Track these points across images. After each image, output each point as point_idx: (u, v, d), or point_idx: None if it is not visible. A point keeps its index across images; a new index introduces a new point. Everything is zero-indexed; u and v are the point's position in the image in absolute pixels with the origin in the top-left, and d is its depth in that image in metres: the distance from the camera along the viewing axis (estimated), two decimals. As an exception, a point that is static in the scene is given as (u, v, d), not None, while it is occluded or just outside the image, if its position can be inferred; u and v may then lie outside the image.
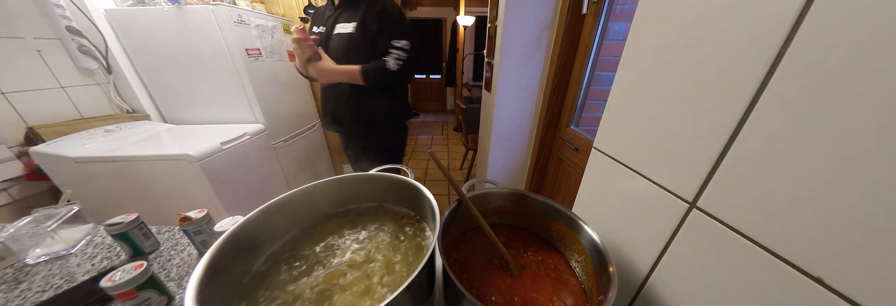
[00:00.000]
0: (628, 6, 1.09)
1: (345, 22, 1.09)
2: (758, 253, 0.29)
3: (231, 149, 1.35)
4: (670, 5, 0.39)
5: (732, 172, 0.31)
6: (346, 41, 1.09)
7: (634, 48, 0.46)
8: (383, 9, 1.07)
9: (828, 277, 0.24)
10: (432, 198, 0.47)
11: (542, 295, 0.43)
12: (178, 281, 0.60)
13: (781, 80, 0.26)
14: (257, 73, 1.60)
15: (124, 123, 1.41)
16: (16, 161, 1.14)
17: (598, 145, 0.56)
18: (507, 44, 1.41)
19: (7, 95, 1.12)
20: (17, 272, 0.62)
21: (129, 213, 0.66)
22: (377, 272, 0.45)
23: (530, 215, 0.54)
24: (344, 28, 1.09)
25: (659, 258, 0.42)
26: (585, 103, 1.32)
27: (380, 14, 1.07)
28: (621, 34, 1.15)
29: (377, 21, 1.06)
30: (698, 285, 0.36)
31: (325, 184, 0.54)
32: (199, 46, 1.43)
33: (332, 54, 1.09)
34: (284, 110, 1.85)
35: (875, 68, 0.21)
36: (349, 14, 1.09)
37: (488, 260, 0.49)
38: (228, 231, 0.42)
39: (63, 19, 1.25)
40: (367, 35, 1.07)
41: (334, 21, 1.12)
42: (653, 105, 0.42)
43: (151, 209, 1.20)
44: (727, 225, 0.32)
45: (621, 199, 0.50)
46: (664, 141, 0.40)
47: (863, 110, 0.22)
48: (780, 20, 0.26)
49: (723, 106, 0.32)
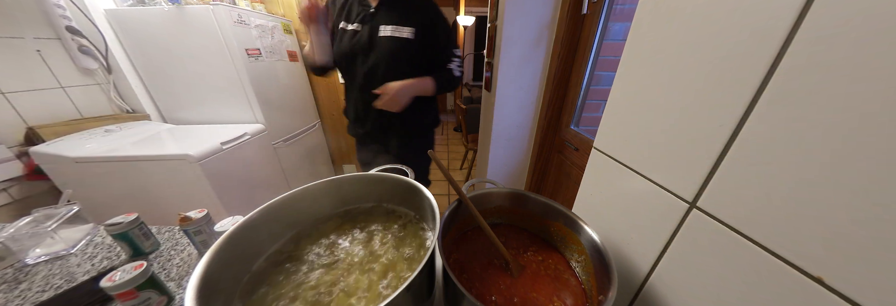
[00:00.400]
0: (628, 6, 1.09)
1: (393, 24, 0.98)
2: (758, 253, 0.29)
3: (231, 149, 1.35)
4: (670, 5, 0.39)
5: (732, 172, 0.31)
6: (401, 46, 0.99)
7: (634, 48, 0.46)
8: (440, 15, 1.02)
9: (828, 277, 0.24)
10: (432, 198, 0.47)
11: (542, 295, 0.43)
12: (178, 281, 0.60)
13: (782, 80, 0.26)
14: (257, 73, 1.60)
15: (124, 123, 1.41)
16: (16, 161, 1.14)
17: (598, 145, 0.56)
18: (507, 44, 1.41)
19: (7, 95, 1.12)
20: (17, 272, 0.62)
21: (129, 213, 0.66)
22: (377, 272, 0.45)
23: (530, 215, 0.54)
24: (398, 31, 0.98)
25: (659, 258, 0.42)
26: (585, 103, 1.32)
27: (443, 22, 1.02)
28: (621, 34, 1.15)
29: (442, 29, 1.02)
30: (698, 285, 0.36)
31: (325, 184, 0.54)
32: (199, 46, 1.43)
33: (377, 57, 1.01)
34: (284, 110, 1.85)
35: (875, 68, 0.21)
36: (395, 16, 0.99)
37: (488, 260, 0.49)
38: (228, 231, 0.42)
39: (63, 19, 1.25)
40: (428, 42, 1.01)
41: (375, 21, 1.00)
42: (653, 105, 0.42)
43: (151, 209, 1.20)
44: (727, 225, 0.32)
45: (621, 199, 0.50)
46: (664, 141, 0.40)
47: (863, 110, 0.22)
48: (780, 20, 0.26)
49: (723, 106, 0.32)
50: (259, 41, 1.61)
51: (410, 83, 0.98)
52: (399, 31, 0.98)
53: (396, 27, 0.98)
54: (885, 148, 0.21)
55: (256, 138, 1.56)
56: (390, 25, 0.98)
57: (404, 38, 0.99)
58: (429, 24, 1.00)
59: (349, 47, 1.03)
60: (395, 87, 0.96)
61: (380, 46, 1.00)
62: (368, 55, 1.02)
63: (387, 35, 0.99)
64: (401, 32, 0.98)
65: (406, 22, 0.99)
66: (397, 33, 0.99)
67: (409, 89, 0.99)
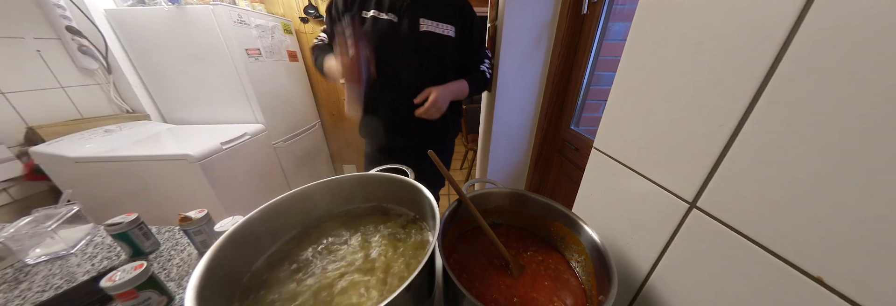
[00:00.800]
0: (628, 6, 1.09)
1: (434, 20, 0.87)
2: (758, 253, 0.29)
3: (231, 149, 1.35)
4: (670, 5, 0.39)
5: (732, 172, 0.31)
6: (444, 45, 0.89)
7: (634, 48, 0.46)
8: (474, 11, 0.92)
9: (828, 277, 0.24)
10: (432, 198, 0.47)
11: (542, 296, 0.43)
12: (178, 281, 0.60)
13: (782, 80, 0.26)
14: (257, 73, 1.60)
15: (124, 123, 1.41)
16: (16, 161, 1.14)
17: (598, 145, 0.56)
18: (507, 44, 1.41)
19: (7, 95, 1.13)
20: (17, 272, 0.62)
21: (129, 213, 0.66)
22: (377, 272, 0.45)
23: (530, 215, 0.54)
24: (440, 29, 0.88)
25: (659, 258, 0.42)
26: (585, 103, 1.32)
27: (478, 19, 0.92)
28: (621, 34, 1.15)
29: (477, 26, 0.93)
30: (698, 285, 0.36)
31: (325, 184, 0.54)
32: (199, 46, 1.44)
33: (420, 55, 0.90)
34: (284, 110, 1.85)
35: (876, 68, 0.21)
36: (436, 11, 0.89)
37: (488, 260, 0.49)
38: (228, 231, 0.42)
39: (63, 19, 1.25)
40: (464, 41, 0.92)
41: (412, 12, 0.87)
42: (653, 105, 0.42)
43: (151, 209, 1.21)
44: (727, 225, 0.32)
45: (621, 199, 0.50)
46: (664, 141, 0.40)
47: (863, 110, 0.22)
48: (780, 20, 0.26)
49: (723, 106, 0.32)
50: (259, 41, 1.61)
51: (450, 88, 0.89)
52: (441, 27, 0.88)
53: (438, 24, 0.87)
54: (885, 147, 0.21)
55: (256, 138, 1.56)
56: (430, 20, 0.87)
57: (445, 35, 0.89)
58: (467, 20, 0.91)
59: (386, 40, 0.88)
60: (438, 93, 0.85)
61: (422, 42, 0.88)
62: (411, 51, 0.89)
63: (428, 30, 0.87)
64: (442, 29, 0.88)
65: (446, 18, 0.88)
66: (439, 30, 0.88)
67: (448, 94, 0.89)
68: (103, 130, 1.29)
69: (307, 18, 1.98)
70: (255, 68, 1.58)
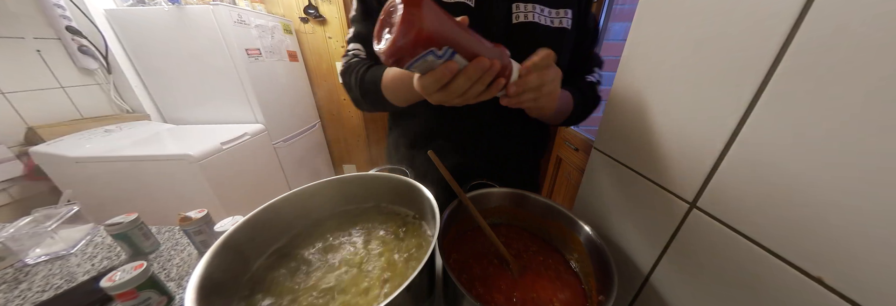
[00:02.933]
0: (628, 6, 1.09)
1: (540, 3, 0.55)
2: (758, 253, 0.29)
3: (231, 149, 1.35)
4: (670, 5, 0.39)
5: (732, 172, 0.31)
6: (556, 39, 0.57)
7: (634, 48, 0.46)
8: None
9: (828, 277, 0.24)
10: (432, 198, 0.47)
11: (543, 295, 0.43)
12: (178, 281, 0.60)
13: (782, 80, 0.26)
14: (257, 73, 1.60)
15: (124, 123, 1.41)
16: (16, 161, 1.14)
17: (598, 145, 0.56)
18: (507, 44, 1.41)
19: (7, 95, 1.13)
20: (17, 272, 0.62)
21: (129, 213, 0.66)
22: (377, 272, 0.45)
23: (530, 215, 0.54)
24: (547, 17, 0.55)
25: (659, 258, 0.42)
26: (585, 103, 1.32)
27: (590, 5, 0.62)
28: (621, 34, 1.15)
29: (592, 17, 0.63)
30: (698, 285, 0.36)
31: (324, 184, 0.54)
32: (199, 46, 1.43)
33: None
34: (284, 110, 1.85)
35: (876, 68, 0.21)
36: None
37: (488, 260, 0.49)
38: (228, 231, 0.42)
39: (63, 19, 1.25)
40: (580, 31, 0.60)
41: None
42: (653, 105, 0.42)
43: (151, 209, 1.20)
44: (727, 225, 0.32)
45: (621, 199, 0.50)
46: (664, 141, 0.40)
47: (863, 111, 0.22)
48: (780, 20, 0.26)
49: (723, 106, 0.32)
50: (259, 41, 1.61)
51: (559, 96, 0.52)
52: (548, 14, 0.56)
53: (545, 9, 0.55)
54: (885, 148, 0.21)
55: (256, 138, 1.56)
56: (531, 3, 0.55)
57: (555, 27, 0.56)
58: (584, 4, 0.59)
59: None
60: (558, 73, 0.44)
61: (517, 38, 0.55)
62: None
63: (527, 21, 0.55)
64: (552, 18, 0.56)
65: (554, 1, 0.56)
66: (545, 19, 0.56)
67: (557, 93, 0.47)
68: (103, 130, 1.29)
69: (307, 18, 1.98)
70: (255, 68, 1.58)
